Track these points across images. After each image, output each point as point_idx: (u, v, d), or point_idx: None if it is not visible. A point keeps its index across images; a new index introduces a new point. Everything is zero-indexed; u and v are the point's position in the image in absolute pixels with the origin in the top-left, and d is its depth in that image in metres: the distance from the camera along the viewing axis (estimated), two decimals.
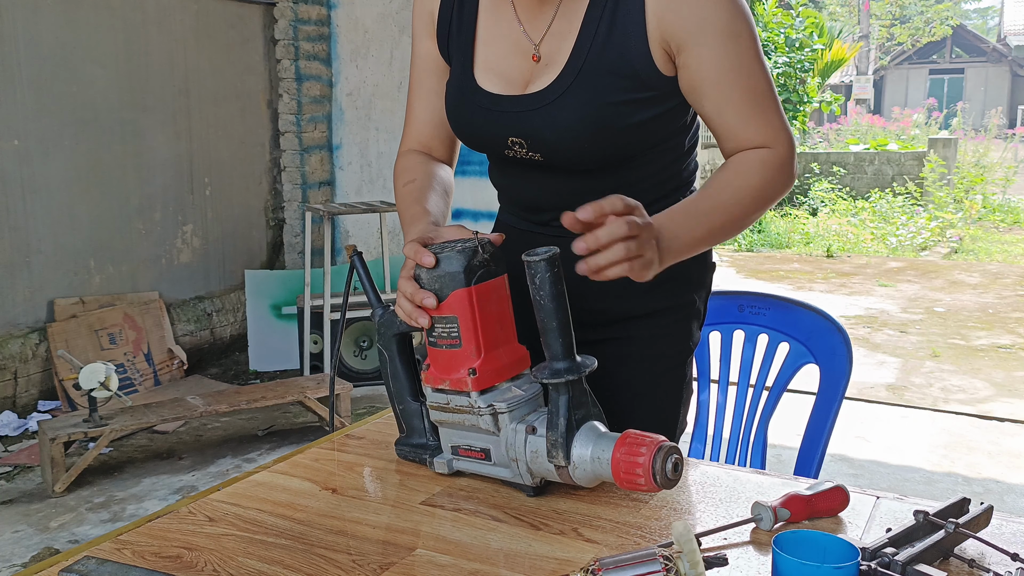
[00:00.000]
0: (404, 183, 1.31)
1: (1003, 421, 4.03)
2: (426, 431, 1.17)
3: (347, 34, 5.40)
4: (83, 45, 4.22)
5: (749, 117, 1.16)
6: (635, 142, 1.19)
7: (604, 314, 1.28)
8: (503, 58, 1.23)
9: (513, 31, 1.22)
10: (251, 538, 0.98)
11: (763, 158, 1.16)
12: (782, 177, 1.18)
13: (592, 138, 1.16)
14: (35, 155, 4.04)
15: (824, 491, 1.02)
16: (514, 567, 0.90)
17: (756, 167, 1.16)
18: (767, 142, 1.16)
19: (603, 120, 1.15)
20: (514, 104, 1.20)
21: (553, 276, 0.97)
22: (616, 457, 0.95)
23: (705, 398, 1.73)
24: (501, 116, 1.21)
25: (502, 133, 1.21)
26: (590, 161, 1.19)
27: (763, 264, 8.29)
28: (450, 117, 1.28)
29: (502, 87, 1.22)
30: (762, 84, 1.16)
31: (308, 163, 5.44)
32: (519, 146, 1.20)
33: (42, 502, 3.14)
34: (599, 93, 1.15)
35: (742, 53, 1.14)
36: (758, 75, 1.16)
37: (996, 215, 10.90)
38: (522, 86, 1.21)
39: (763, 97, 1.16)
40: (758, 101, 1.16)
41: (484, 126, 1.23)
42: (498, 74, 1.23)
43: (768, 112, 1.17)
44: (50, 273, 4.15)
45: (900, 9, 28.93)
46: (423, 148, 1.36)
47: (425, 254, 1.04)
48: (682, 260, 1.12)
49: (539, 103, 1.18)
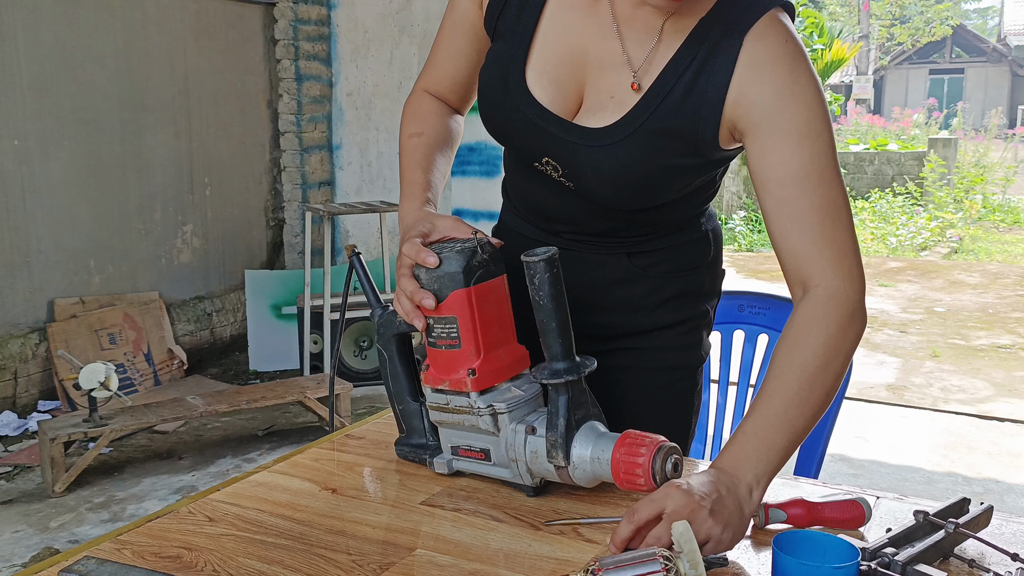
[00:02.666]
0: (410, 133, 1.25)
1: (1003, 421, 4.03)
2: (426, 431, 1.17)
3: (347, 34, 5.40)
4: (83, 45, 4.22)
5: (814, 232, 1.01)
6: (670, 196, 1.14)
7: (615, 328, 1.25)
8: (566, 66, 1.11)
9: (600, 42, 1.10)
10: (251, 538, 0.98)
11: (827, 309, 0.99)
12: (853, 325, 1.00)
13: (632, 190, 1.10)
14: (35, 155, 4.04)
15: (837, 502, 0.98)
16: (514, 567, 0.90)
17: (817, 324, 0.99)
18: (830, 267, 1.00)
19: (649, 179, 1.09)
20: (562, 129, 1.10)
21: (552, 276, 0.97)
22: (616, 457, 0.95)
23: (705, 398, 1.72)
24: (544, 134, 1.11)
25: (539, 149, 1.13)
26: (622, 205, 1.13)
27: (763, 264, 8.29)
28: (486, 104, 1.17)
29: (551, 99, 1.11)
30: (835, 196, 1.01)
31: (308, 163, 5.44)
32: (552, 168, 1.13)
33: (42, 502, 3.14)
34: (654, 154, 1.07)
35: (818, 157, 1.01)
36: (833, 186, 1.02)
37: (996, 215, 10.91)
38: (576, 101, 1.11)
39: (835, 212, 1.01)
40: (828, 215, 1.01)
41: (522, 135, 1.14)
42: (552, 81, 1.11)
43: (838, 232, 1.01)
44: (50, 273, 4.15)
45: (900, 9, 28.92)
46: (437, 95, 1.30)
47: (428, 253, 1.02)
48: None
49: (589, 140, 1.09)
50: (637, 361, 1.26)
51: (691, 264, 1.25)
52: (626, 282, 1.22)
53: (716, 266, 1.29)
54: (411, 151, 1.23)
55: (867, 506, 0.98)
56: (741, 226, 9.80)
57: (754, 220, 10.31)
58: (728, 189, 10.72)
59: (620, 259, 1.21)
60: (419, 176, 1.19)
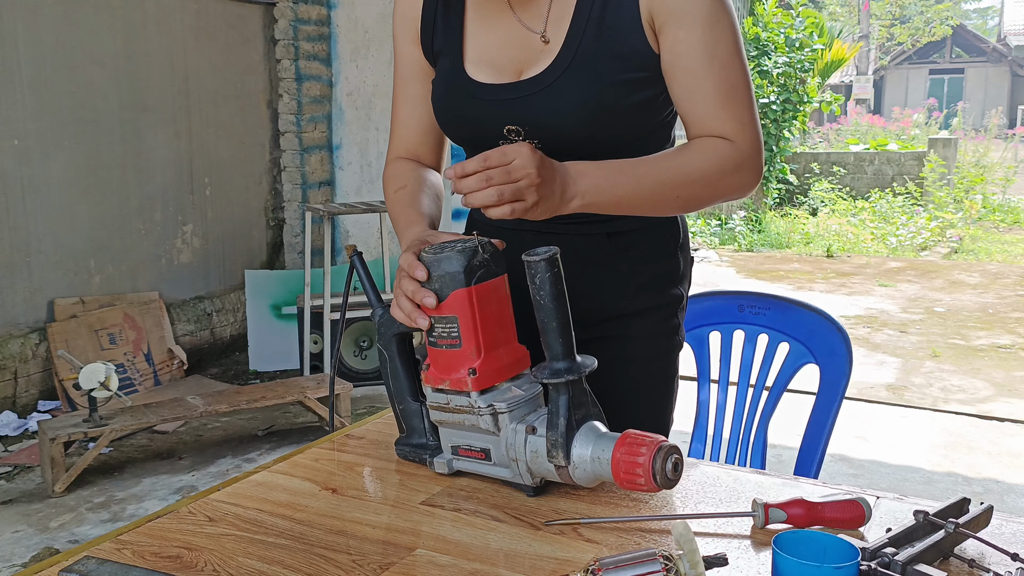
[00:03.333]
0: (395, 189, 1.30)
1: (1003, 421, 4.03)
2: (426, 431, 1.17)
3: (347, 34, 5.40)
4: (83, 45, 4.22)
5: (716, 107, 1.14)
6: (632, 125, 1.19)
7: (593, 313, 1.27)
8: (496, 49, 1.21)
9: (506, 22, 1.21)
10: (251, 538, 0.98)
11: (722, 147, 1.14)
12: (738, 174, 1.15)
13: (592, 121, 1.15)
14: (35, 155, 4.04)
15: (837, 501, 0.98)
16: (514, 567, 0.90)
17: (710, 152, 1.14)
18: (731, 136, 1.14)
19: (603, 102, 1.14)
20: (511, 91, 1.19)
21: (553, 276, 0.97)
22: (616, 457, 0.95)
23: (705, 398, 1.73)
24: (497, 104, 1.19)
25: (498, 122, 1.19)
26: (588, 146, 1.18)
27: (763, 264, 8.29)
28: (440, 113, 1.26)
29: (495, 77, 1.20)
30: (735, 77, 1.14)
31: (308, 163, 5.44)
32: (516, 133, 1.19)
33: (42, 502, 3.14)
34: (598, 75, 1.14)
35: (719, 41, 1.13)
36: (733, 67, 1.14)
37: (996, 215, 10.91)
38: (516, 74, 1.20)
39: (735, 90, 1.14)
40: (729, 93, 1.14)
41: (479, 117, 1.21)
42: (489, 64, 1.21)
43: (738, 107, 1.15)
44: (50, 273, 4.15)
45: (900, 9, 28.93)
46: (410, 155, 1.35)
47: (418, 267, 1.04)
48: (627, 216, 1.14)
49: (537, 87, 1.16)
50: (618, 352, 1.28)
51: (665, 246, 1.30)
52: (606, 265, 1.26)
53: (686, 250, 1.34)
54: (399, 202, 1.28)
55: (867, 506, 0.98)
56: (741, 226, 9.80)
57: (754, 220, 10.32)
58: None
59: (600, 241, 1.25)
60: (413, 212, 1.24)
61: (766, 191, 11.00)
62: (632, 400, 1.28)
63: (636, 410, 1.26)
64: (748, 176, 1.16)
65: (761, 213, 10.68)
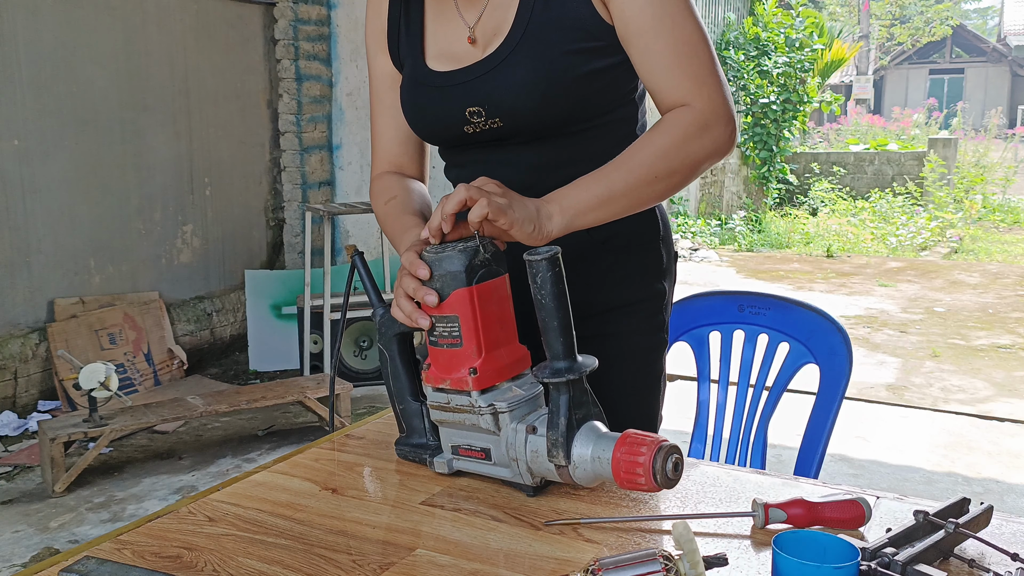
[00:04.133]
0: (385, 201, 1.29)
1: (1003, 421, 4.03)
2: (426, 431, 1.17)
3: (347, 34, 5.40)
4: (83, 45, 4.22)
5: (672, 66, 1.12)
6: (591, 97, 1.18)
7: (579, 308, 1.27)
8: (452, 43, 1.23)
9: (454, 16, 1.23)
10: (251, 538, 0.98)
11: (679, 116, 1.12)
12: (707, 133, 1.12)
13: (550, 92, 1.15)
14: (35, 155, 4.04)
15: (837, 501, 0.98)
16: (514, 567, 0.90)
17: (669, 124, 1.12)
18: (689, 98, 1.12)
19: (557, 72, 1.14)
20: (467, 74, 1.20)
21: (554, 275, 0.97)
22: (616, 457, 0.95)
23: (705, 398, 1.73)
24: (455, 89, 1.20)
25: (459, 105, 1.20)
26: (550, 121, 1.18)
27: (763, 264, 8.29)
28: (406, 110, 1.28)
29: (452, 66, 1.22)
30: (688, 34, 1.13)
31: (308, 163, 5.44)
32: (477, 115, 1.20)
33: (42, 502, 3.15)
34: (549, 46, 1.15)
35: (668, 2, 1.12)
36: (686, 26, 1.13)
37: (996, 215, 10.91)
38: (471, 61, 1.22)
39: (689, 46, 1.12)
40: (683, 51, 1.12)
41: (440, 104, 1.23)
42: (448, 56, 1.23)
43: (694, 65, 1.12)
44: (50, 273, 4.15)
45: (900, 9, 28.93)
46: (394, 168, 1.35)
47: (420, 266, 1.04)
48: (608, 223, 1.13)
49: (492, 65, 1.18)
50: (607, 347, 1.27)
51: (644, 238, 1.30)
52: (586, 259, 1.26)
53: (669, 244, 1.34)
54: (391, 212, 1.27)
55: (867, 506, 0.98)
56: (741, 226, 9.80)
57: (754, 220, 10.32)
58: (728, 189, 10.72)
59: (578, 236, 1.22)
60: (408, 218, 1.23)
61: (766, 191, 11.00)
62: (619, 398, 1.27)
63: (625, 408, 1.26)
64: (719, 132, 1.13)
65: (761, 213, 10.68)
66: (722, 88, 1.14)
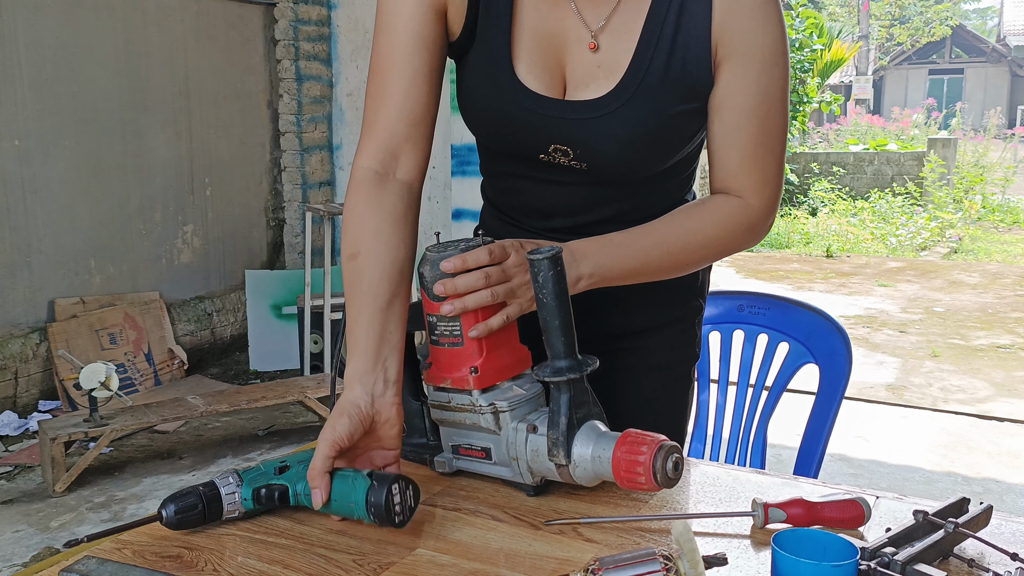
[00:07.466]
0: (350, 252, 1.03)
1: (1003, 421, 4.03)
2: (427, 430, 1.17)
3: (347, 34, 5.40)
4: (83, 45, 4.22)
5: (749, 155, 1.09)
6: (677, 152, 1.14)
7: (612, 328, 1.25)
8: (545, 51, 1.10)
9: (564, 18, 1.09)
10: (251, 538, 0.98)
11: (733, 211, 1.10)
12: (748, 234, 1.12)
13: (647, 151, 1.10)
14: (35, 155, 4.05)
15: (837, 501, 0.98)
16: (514, 567, 0.90)
17: (721, 217, 1.11)
18: (749, 193, 1.10)
19: (662, 132, 1.09)
20: (565, 110, 1.09)
21: (556, 275, 0.97)
22: (617, 456, 0.95)
23: (705, 398, 1.73)
24: (547, 121, 1.09)
25: (544, 138, 1.10)
26: (638, 172, 1.13)
27: (763, 264, 8.29)
28: (478, 109, 1.13)
29: (543, 86, 1.09)
30: (775, 129, 1.10)
31: (308, 163, 5.44)
32: (561, 153, 1.11)
33: (42, 502, 3.15)
34: (660, 105, 1.07)
35: (772, 86, 1.08)
36: (777, 120, 1.10)
37: (995, 215, 10.92)
38: (560, 80, 1.10)
39: (771, 142, 1.10)
40: (764, 145, 1.09)
41: (525, 129, 1.10)
42: (542, 68, 1.09)
43: (768, 162, 1.10)
44: (50, 273, 4.15)
45: (900, 9, 28.93)
46: (389, 153, 1.08)
47: (319, 489, 0.94)
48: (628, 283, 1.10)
49: (596, 112, 1.08)
50: (635, 362, 1.26)
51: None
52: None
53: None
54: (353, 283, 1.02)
55: (867, 506, 0.98)
56: None
57: None
58: None
59: None
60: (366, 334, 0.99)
61: None
62: (649, 411, 1.25)
63: (653, 420, 1.23)
64: (762, 231, 1.14)
65: None
66: (780, 189, 1.13)
